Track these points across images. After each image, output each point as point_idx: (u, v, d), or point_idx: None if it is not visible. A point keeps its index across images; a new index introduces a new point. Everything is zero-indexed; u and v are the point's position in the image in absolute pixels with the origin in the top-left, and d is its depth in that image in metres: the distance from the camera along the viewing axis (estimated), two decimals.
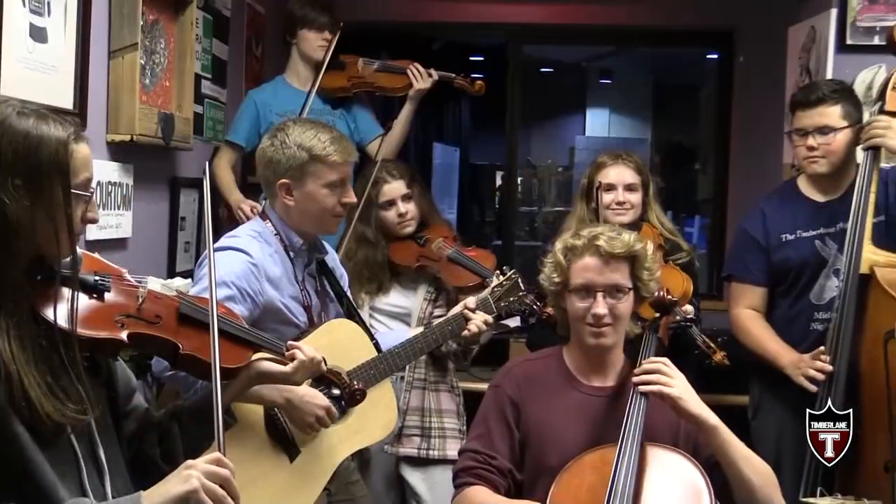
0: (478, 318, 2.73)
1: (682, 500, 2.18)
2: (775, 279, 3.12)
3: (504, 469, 2.30)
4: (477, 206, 8.92)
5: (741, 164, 4.97)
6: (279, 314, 2.43)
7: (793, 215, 3.10)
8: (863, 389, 2.82)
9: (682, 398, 2.22)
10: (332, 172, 2.47)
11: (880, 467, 2.72)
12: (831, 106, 2.95)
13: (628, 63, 9.37)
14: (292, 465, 2.32)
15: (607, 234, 2.30)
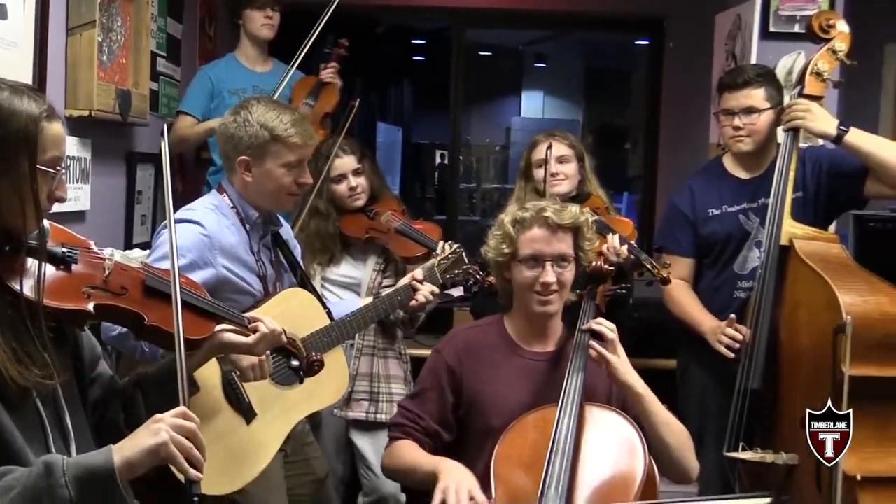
0: (425, 288, 2.75)
1: (619, 454, 2.22)
2: (702, 251, 3.16)
3: (430, 430, 2.35)
4: (418, 183, 8.91)
5: (670, 143, 5.02)
6: (235, 284, 2.42)
7: (718, 191, 3.14)
8: (781, 352, 2.87)
9: (619, 367, 2.28)
10: (291, 153, 2.46)
11: (797, 423, 2.75)
12: (756, 89, 3.00)
13: (562, 48, 9.40)
14: (249, 426, 2.31)
15: (554, 207, 2.33)
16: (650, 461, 2.22)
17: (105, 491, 1.49)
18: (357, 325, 2.65)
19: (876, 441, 2.66)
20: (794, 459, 2.77)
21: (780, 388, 2.88)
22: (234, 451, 2.28)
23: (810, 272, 2.77)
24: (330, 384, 2.49)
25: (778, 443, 2.83)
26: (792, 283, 2.86)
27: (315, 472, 2.71)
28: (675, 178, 4.83)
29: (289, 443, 2.52)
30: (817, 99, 2.94)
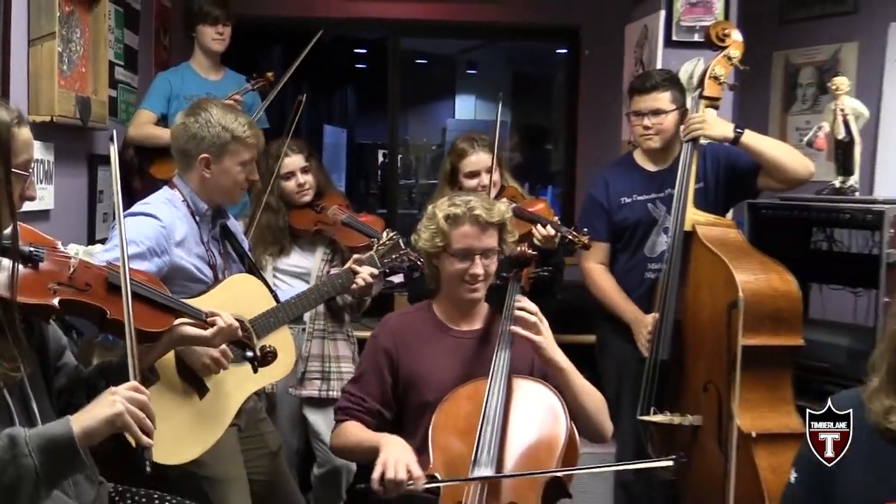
0: (364, 271, 2.73)
1: (543, 420, 2.25)
2: (616, 236, 3.20)
3: (373, 410, 2.35)
4: (363, 180, 8.87)
5: (586, 141, 5.07)
6: (187, 272, 2.41)
7: (630, 182, 3.18)
8: (686, 325, 2.91)
9: (544, 345, 2.29)
10: (247, 152, 2.47)
11: (700, 388, 2.84)
12: (663, 92, 3.05)
13: (491, 56, 9.42)
14: (201, 401, 2.29)
15: (483, 206, 2.33)
16: (571, 425, 2.24)
17: (66, 457, 1.51)
18: (301, 306, 2.62)
19: (768, 402, 2.74)
20: (698, 420, 2.84)
21: (685, 357, 2.93)
22: (188, 424, 2.26)
23: (711, 254, 2.83)
24: (279, 362, 2.45)
25: (684, 406, 2.89)
26: (695, 264, 2.90)
27: (269, 446, 2.70)
28: (592, 172, 4.86)
29: (242, 418, 2.50)
30: (715, 100, 3.00)
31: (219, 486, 2.38)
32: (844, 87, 3.21)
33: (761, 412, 2.72)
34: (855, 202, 3.16)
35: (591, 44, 4.98)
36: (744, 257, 2.82)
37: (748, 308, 2.69)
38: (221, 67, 3.88)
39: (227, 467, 2.41)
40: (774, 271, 2.80)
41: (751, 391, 2.74)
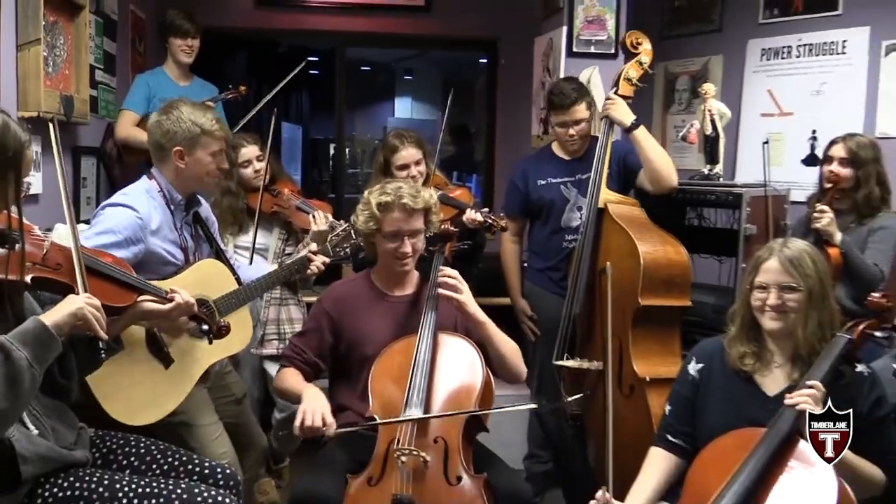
0: (318, 260, 2.68)
1: (464, 369, 2.26)
2: (534, 213, 3.22)
3: (310, 362, 2.35)
4: (316, 169, 8.76)
5: (503, 136, 5.06)
6: (161, 257, 2.34)
7: (547, 168, 3.20)
8: (597, 289, 2.94)
9: (466, 302, 2.30)
10: (215, 143, 2.41)
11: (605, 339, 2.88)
12: (580, 104, 3.05)
13: (425, 64, 9.36)
14: (167, 371, 2.24)
15: (410, 194, 2.31)
16: (487, 372, 2.26)
17: (45, 342, 1.57)
18: (261, 288, 2.56)
19: (660, 353, 2.78)
20: (602, 366, 2.84)
21: (595, 313, 2.95)
22: (156, 389, 2.21)
23: (619, 228, 2.85)
24: (237, 336, 2.42)
25: (592, 353, 2.92)
26: (605, 235, 2.92)
27: (234, 394, 2.67)
28: (508, 162, 4.90)
29: (209, 378, 2.46)
30: (627, 98, 3.01)
31: (194, 430, 2.35)
32: (711, 92, 3.27)
33: (654, 361, 2.75)
34: (720, 186, 3.23)
35: (507, 54, 4.96)
36: (646, 232, 2.85)
37: (647, 273, 2.72)
38: (190, 75, 3.76)
39: (199, 414, 2.38)
40: (670, 244, 2.83)
41: (647, 343, 2.78)
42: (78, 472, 1.76)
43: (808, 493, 1.70)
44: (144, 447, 1.96)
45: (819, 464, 1.73)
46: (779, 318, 1.93)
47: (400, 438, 2.08)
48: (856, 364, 1.92)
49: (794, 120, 4.02)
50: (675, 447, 2.04)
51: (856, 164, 2.85)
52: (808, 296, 1.90)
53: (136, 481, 1.77)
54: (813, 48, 3.96)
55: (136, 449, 1.95)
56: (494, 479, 2.10)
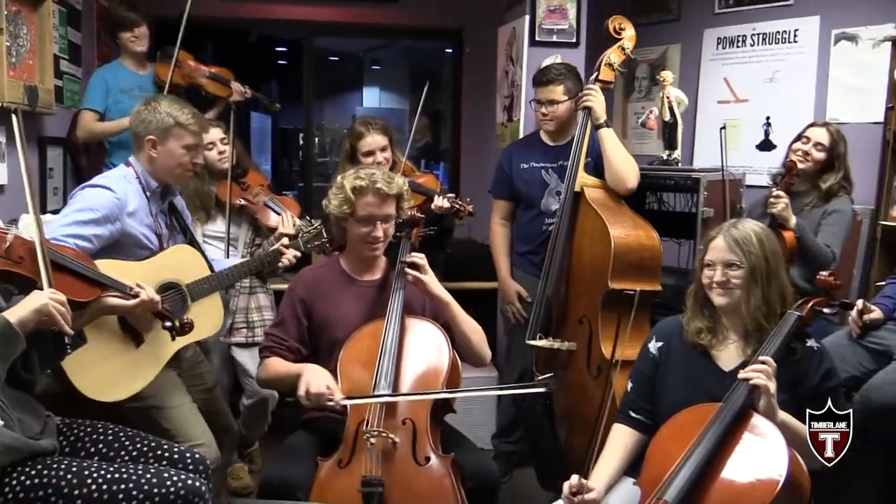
0: (289, 253, 2.67)
1: (431, 351, 2.26)
2: (518, 196, 3.22)
3: (293, 347, 2.33)
4: (286, 159, 8.67)
5: (468, 124, 5.05)
6: (136, 239, 2.33)
7: (530, 152, 3.20)
8: (571, 268, 2.94)
9: (430, 283, 2.30)
10: (189, 137, 2.41)
11: (576, 320, 2.88)
12: (557, 85, 3.04)
13: (392, 54, 9.29)
14: (137, 349, 2.22)
15: (384, 179, 2.30)
16: (454, 355, 2.26)
17: (10, 339, 1.55)
18: (233, 276, 2.55)
19: (629, 335, 2.75)
20: (573, 346, 2.88)
21: (568, 294, 2.96)
22: (126, 367, 2.19)
23: (593, 212, 2.84)
24: (207, 321, 2.41)
25: (564, 334, 2.92)
26: (581, 219, 2.92)
27: (206, 383, 2.66)
28: (473, 150, 4.90)
29: (180, 363, 2.44)
30: (608, 83, 2.97)
31: (167, 412, 2.34)
32: (669, 79, 3.28)
33: (621, 342, 2.70)
34: (678, 171, 3.25)
35: (472, 43, 4.94)
36: (619, 216, 2.84)
37: (618, 257, 2.71)
38: (147, 62, 3.68)
39: (171, 397, 2.35)
40: (643, 229, 2.82)
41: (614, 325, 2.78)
42: (45, 460, 1.73)
43: (761, 463, 1.71)
44: (112, 434, 1.94)
45: (771, 435, 1.76)
46: (724, 294, 1.98)
47: (369, 420, 2.08)
48: (806, 339, 1.95)
49: (749, 106, 4.06)
50: (636, 423, 2.07)
51: (831, 152, 2.89)
52: (750, 273, 1.94)
53: (105, 468, 1.75)
54: (766, 37, 4.00)
55: (104, 436, 1.93)
56: (462, 459, 2.12)
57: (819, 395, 1.91)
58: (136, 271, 2.19)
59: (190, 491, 1.76)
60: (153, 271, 2.27)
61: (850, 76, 3.66)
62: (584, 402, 2.80)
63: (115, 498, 1.70)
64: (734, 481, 1.73)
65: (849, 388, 2.44)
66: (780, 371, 1.85)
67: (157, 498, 1.72)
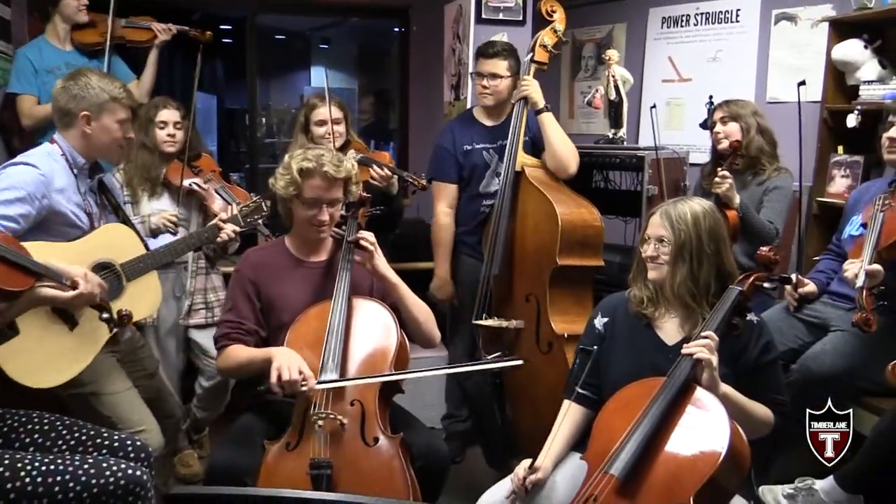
0: (228, 227, 2.59)
1: (378, 332, 2.23)
2: (460, 178, 3.17)
3: (251, 330, 2.26)
4: (233, 139, 8.48)
5: (416, 103, 5.01)
6: (66, 217, 2.23)
7: (470, 133, 3.16)
8: (515, 248, 2.95)
9: (378, 263, 2.27)
10: (122, 112, 2.33)
11: (523, 298, 2.90)
12: (502, 60, 3.02)
13: (340, 32, 9.15)
14: (72, 332, 2.10)
15: (332, 163, 2.24)
16: (402, 335, 2.24)
17: None
18: (169, 254, 2.45)
19: (576, 310, 2.81)
20: (521, 324, 2.90)
21: (513, 273, 2.96)
22: (60, 352, 2.10)
23: (536, 191, 2.86)
24: (145, 302, 2.33)
25: (510, 313, 2.94)
26: (523, 198, 2.92)
27: (147, 369, 2.58)
28: (422, 129, 4.86)
29: (118, 347, 2.36)
30: (543, 64, 2.98)
31: (105, 398, 2.26)
32: (615, 58, 3.30)
33: (570, 318, 2.78)
34: (623, 150, 3.28)
35: (418, 21, 4.89)
36: (561, 194, 2.86)
37: (564, 234, 2.74)
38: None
39: (109, 383, 2.28)
40: (584, 206, 2.85)
41: (564, 302, 2.81)
42: None
43: (703, 435, 1.72)
44: (48, 423, 1.86)
45: (713, 408, 1.78)
46: (654, 269, 2.01)
47: (317, 403, 2.05)
48: (747, 314, 1.98)
49: (693, 85, 4.11)
50: (583, 398, 2.08)
51: (736, 118, 2.94)
52: (677, 249, 1.96)
53: (40, 459, 1.68)
54: (709, 16, 4.04)
55: (40, 426, 1.85)
56: (411, 439, 2.10)
57: (758, 367, 1.95)
58: (67, 252, 2.10)
59: (131, 480, 1.70)
60: (86, 252, 2.19)
61: (789, 56, 3.72)
62: (534, 379, 2.82)
63: (51, 491, 1.63)
64: (678, 454, 1.75)
65: (787, 360, 2.50)
66: (722, 345, 1.87)
67: (96, 489, 1.66)
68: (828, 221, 3.25)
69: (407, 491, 1.97)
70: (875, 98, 3.08)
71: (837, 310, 2.54)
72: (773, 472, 2.51)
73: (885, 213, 2.33)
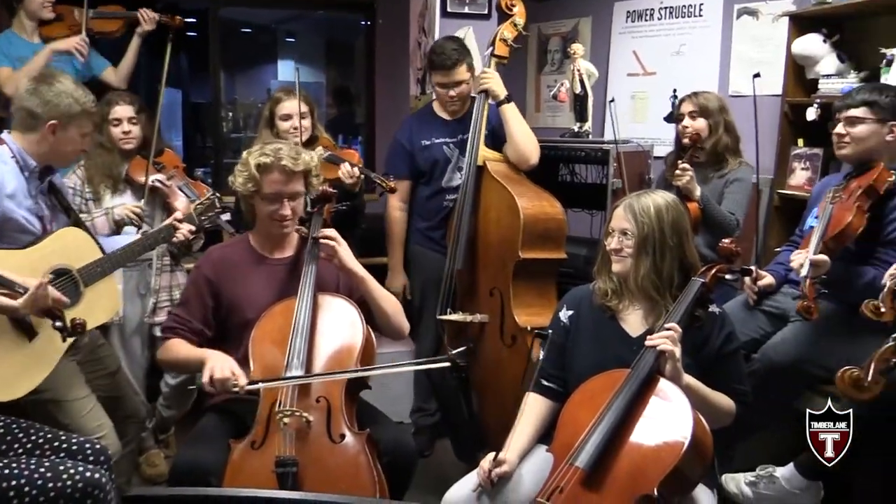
0: (184, 227, 2.52)
1: (344, 328, 2.21)
2: (419, 174, 3.15)
3: (196, 329, 2.24)
4: (199, 134, 8.38)
5: (383, 97, 4.99)
6: (17, 223, 2.17)
7: (429, 128, 3.14)
8: (478, 242, 2.95)
9: (344, 257, 2.25)
10: (89, 125, 2.30)
11: (487, 292, 2.90)
12: (460, 66, 3.01)
13: (307, 26, 9.07)
14: (31, 343, 2.06)
15: (290, 156, 2.21)
16: (368, 331, 2.23)
17: None
18: (126, 257, 2.39)
19: (539, 303, 2.82)
20: (485, 318, 2.90)
21: (476, 268, 2.96)
22: (20, 363, 2.05)
23: (498, 185, 2.86)
24: (103, 307, 2.28)
25: (475, 307, 2.94)
26: (485, 192, 2.92)
27: (108, 367, 2.52)
28: (388, 123, 4.83)
29: (79, 351, 2.31)
30: (503, 58, 2.98)
31: (64, 405, 2.22)
32: (580, 52, 3.31)
33: (534, 311, 2.79)
34: (588, 143, 3.29)
35: (384, 14, 4.86)
36: (523, 187, 2.87)
37: (527, 228, 2.75)
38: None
39: (68, 389, 2.23)
40: (546, 199, 2.86)
41: (527, 295, 2.82)
42: None
43: (667, 426, 1.75)
44: (4, 426, 1.82)
45: (676, 399, 1.80)
46: (618, 261, 2.02)
47: (282, 400, 2.03)
48: (709, 305, 2.00)
49: (657, 79, 4.14)
50: (549, 391, 2.09)
51: (705, 114, 2.97)
52: (641, 242, 1.97)
53: None
54: (673, 11, 4.07)
55: None
56: (378, 434, 2.09)
57: (720, 358, 1.97)
58: (22, 260, 2.05)
59: (89, 483, 1.67)
60: (41, 258, 2.12)
61: (751, 50, 3.76)
62: (499, 372, 2.83)
63: (6, 496, 1.59)
64: (642, 444, 1.76)
65: (749, 350, 2.54)
66: (685, 336, 1.89)
67: (53, 493, 1.63)
68: (789, 213, 3.30)
69: (374, 487, 1.96)
70: (834, 91, 3.13)
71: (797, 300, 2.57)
72: (736, 460, 2.54)
73: (835, 205, 2.37)
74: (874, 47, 3.06)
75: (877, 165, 2.37)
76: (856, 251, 2.35)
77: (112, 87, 3.40)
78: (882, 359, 1.61)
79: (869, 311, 1.66)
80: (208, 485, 1.96)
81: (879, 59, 3.00)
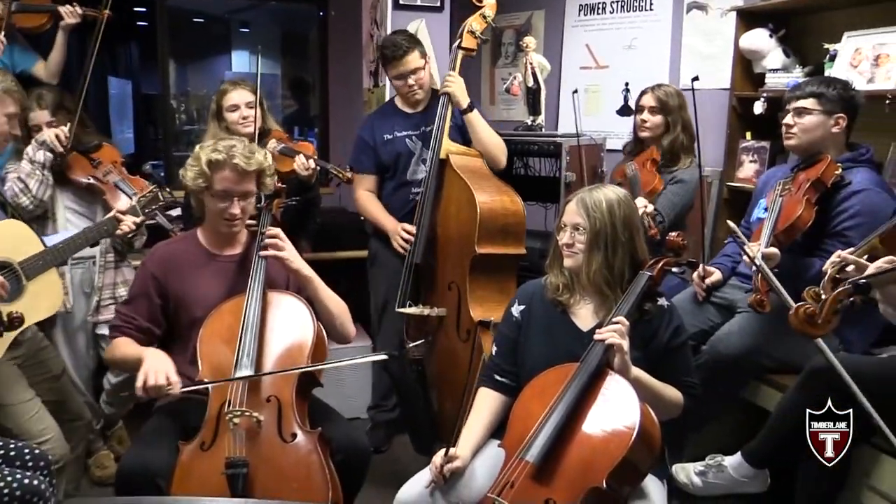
0: (127, 219, 2.44)
1: (294, 326, 2.18)
2: (384, 167, 3.13)
3: (143, 328, 2.19)
4: (152, 126, 8.20)
5: (336, 88, 4.94)
6: None
7: (391, 122, 3.11)
8: (438, 236, 2.94)
9: (289, 258, 2.22)
10: (12, 105, 2.25)
11: (445, 286, 2.89)
12: (413, 52, 2.98)
13: (262, 16, 8.92)
14: None
15: (243, 155, 2.16)
16: (319, 328, 2.20)
17: None
18: (68, 250, 2.32)
19: (496, 298, 2.81)
20: (443, 312, 2.90)
21: (436, 262, 2.95)
22: None
23: (459, 178, 2.84)
24: (45, 301, 2.22)
25: (433, 300, 2.93)
26: (447, 185, 2.90)
27: (51, 371, 2.45)
28: (342, 115, 4.78)
29: (20, 351, 2.24)
30: (471, 50, 2.96)
31: (6, 409, 2.15)
32: (532, 45, 3.30)
33: (490, 305, 2.78)
34: (541, 136, 3.30)
35: (337, 6, 4.81)
36: (484, 182, 2.85)
37: (483, 223, 2.73)
38: None
39: (9, 392, 2.17)
40: (507, 194, 2.84)
41: (484, 289, 2.81)
42: None
43: (615, 418, 1.77)
44: None
45: (624, 392, 1.81)
46: (570, 256, 2.02)
47: (231, 400, 2.00)
48: (657, 298, 2.02)
49: (609, 72, 4.16)
50: (501, 385, 2.09)
51: (664, 111, 2.99)
52: (593, 237, 1.98)
53: None
54: (625, 5, 4.10)
55: None
56: (330, 432, 2.07)
57: (669, 351, 1.99)
58: None
59: (28, 490, 1.62)
60: None
61: (700, 44, 3.81)
62: (454, 366, 2.83)
63: None
64: (591, 437, 1.78)
65: (698, 341, 2.58)
66: (634, 329, 1.91)
67: None
68: (738, 205, 3.35)
69: (326, 486, 1.94)
70: (780, 86, 3.19)
71: (744, 292, 2.62)
72: (685, 451, 2.58)
73: (784, 198, 2.41)
74: (818, 42, 3.11)
75: (824, 158, 2.42)
76: (802, 243, 2.40)
77: (42, 81, 3.26)
78: (836, 299, 1.65)
79: (809, 298, 1.69)
80: (156, 487, 1.92)
81: (823, 54, 3.06)
